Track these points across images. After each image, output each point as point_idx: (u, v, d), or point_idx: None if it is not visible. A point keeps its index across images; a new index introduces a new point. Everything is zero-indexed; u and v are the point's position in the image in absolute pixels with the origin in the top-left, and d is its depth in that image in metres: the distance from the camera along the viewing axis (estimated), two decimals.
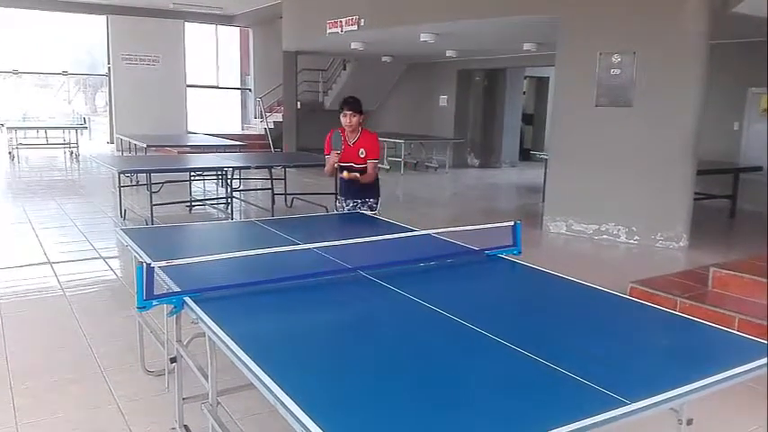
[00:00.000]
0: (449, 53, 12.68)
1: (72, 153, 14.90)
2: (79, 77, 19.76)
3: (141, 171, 8.11)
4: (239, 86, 19.71)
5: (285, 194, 8.97)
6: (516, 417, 1.50)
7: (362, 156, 4.50)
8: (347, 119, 4.42)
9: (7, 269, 5.61)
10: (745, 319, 4.07)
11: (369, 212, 4.50)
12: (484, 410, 1.52)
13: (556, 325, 2.19)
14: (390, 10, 10.03)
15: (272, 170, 8.62)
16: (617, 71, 6.94)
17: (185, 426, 2.76)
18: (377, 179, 4.65)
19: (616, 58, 6.93)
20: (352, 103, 4.44)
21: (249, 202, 9.48)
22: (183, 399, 2.73)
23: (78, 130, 15.27)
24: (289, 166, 9.32)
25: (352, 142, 4.50)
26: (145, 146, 10.80)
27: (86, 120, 16.90)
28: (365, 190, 4.59)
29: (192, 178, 9.69)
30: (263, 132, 16.61)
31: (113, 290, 5.14)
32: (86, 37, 18.00)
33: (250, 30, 18.60)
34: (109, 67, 17.08)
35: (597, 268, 6.12)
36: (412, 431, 1.43)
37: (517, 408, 1.54)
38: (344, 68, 16.48)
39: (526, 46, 10.74)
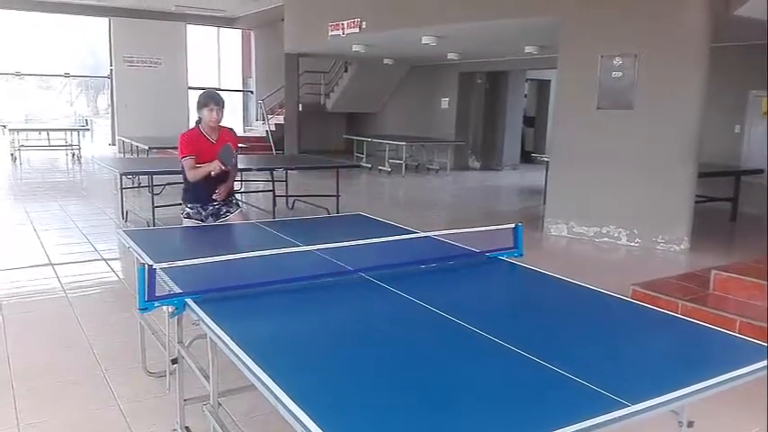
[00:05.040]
0: (450, 56, 12.69)
1: (74, 155, 14.94)
2: (81, 79, 19.79)
3: (143, 173, 8.12)
4: (241, 89, 19.73)
5: (286, 196, 8.98)
6: (517, 418, 1.50)
7: None
8: (214, 113, 3.92)
9: (9, 270, 5.63)
10: (747, 322, 4.07)
11: (236, 211, 4.27)
12: (484, 412, 1.52)
13: (557, 327, 2.19)
14: (392, 13, 10.05)
15: (274, 172, 8.62)
16: (618, 74, 6.94)
17: (186, 427, 2.77)
18: None
19: (617, 61, 6.93)
20: (218, 97, 4.00)
21: (250, 204, 9.48)
22: (185, 400, 2.73)
23: (80, 132, 15.31)
24: (290, 169, 9.33)
25: (215, 139, 4.04)
26: (147, 148, 10.82)
27: (88, 122, 16.95)
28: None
29: None
30: (264, 134, 16.63)
31: (115, 291, 5.15)
32: (89, 39, 18.08)
33: (252, 32, 18.64)
34: (111, 70, 17.14)
35: (598, 271, 6.12)
36: None
37: (518, 409, 1.54)
38: (346, 71, 16.50)
39: (528, 49, 10.76)
